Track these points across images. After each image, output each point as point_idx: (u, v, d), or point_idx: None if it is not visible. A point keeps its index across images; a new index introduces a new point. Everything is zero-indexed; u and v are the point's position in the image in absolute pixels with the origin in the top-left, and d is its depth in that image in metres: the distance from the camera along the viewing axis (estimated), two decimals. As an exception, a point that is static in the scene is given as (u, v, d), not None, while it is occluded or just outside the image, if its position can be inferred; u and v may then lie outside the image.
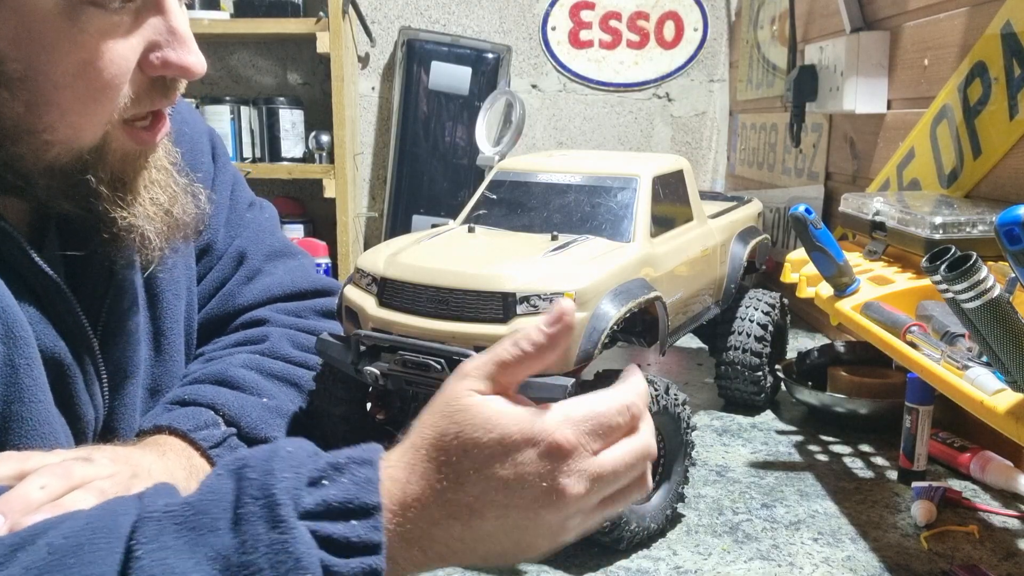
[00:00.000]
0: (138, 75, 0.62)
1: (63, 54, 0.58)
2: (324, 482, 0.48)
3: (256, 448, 0.51)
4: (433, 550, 0.51)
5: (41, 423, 0.65)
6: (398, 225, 2.35)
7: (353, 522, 0.47)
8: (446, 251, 0.90)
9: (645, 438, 0.56)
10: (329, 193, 2.31)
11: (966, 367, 0.70)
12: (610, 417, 0.54)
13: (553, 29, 2.53)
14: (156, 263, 0.72)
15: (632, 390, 0.57)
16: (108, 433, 0.75)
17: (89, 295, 0.72)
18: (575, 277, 0.82)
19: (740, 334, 1.17)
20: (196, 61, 0.63)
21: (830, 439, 1.11)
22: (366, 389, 0.92)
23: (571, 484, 0.52)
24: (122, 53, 0.60)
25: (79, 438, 0.70)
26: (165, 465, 0.70)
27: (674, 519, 0.88)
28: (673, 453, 0.86)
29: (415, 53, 2.36)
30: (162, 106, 0.66)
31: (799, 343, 1.50)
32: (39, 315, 0.67)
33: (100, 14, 0.58)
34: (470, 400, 0.52)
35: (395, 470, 0.51)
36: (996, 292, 0.58)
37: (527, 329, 0.54)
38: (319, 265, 2.38)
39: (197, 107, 2.37)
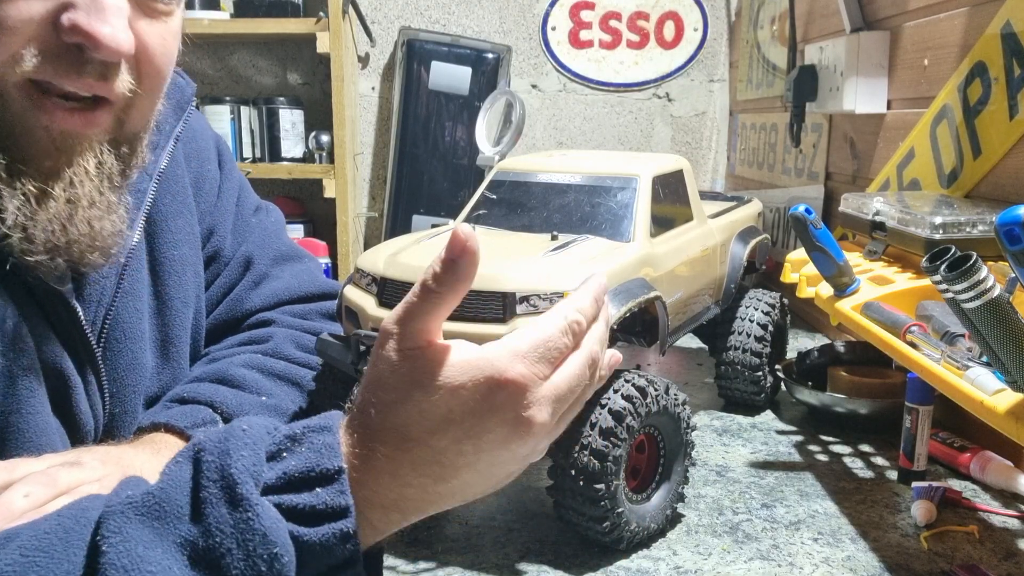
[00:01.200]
0: (50, 34, 0.56)
1: None
2: (283, 455, 0.48)
3: (212, 430, 0.50)
4: (410, 508, 0.51)
5: (38, 434, 0.64)
6: (398, 225, 2.35)
7: (317, 489, 0.47)
8: (446, 251, 0.90)
9: (592, 348, 0.56)
10: (329, 193, 2.31)
11: (966, 367, 0.70)
12: (556, 340, 0.53)
13: (553, 29, 2.53)
14: (55, 277, 0.64)
15: (574, 306, 0.56)
16: (107, 442, 0.75)
17: (95, 302, 0.72)
18: (575, 277, 0.82)
19: (740, 334, 1.16)
20: (108, 33, 0.55)
21: (830, 439, 1.11)
22: (366, 389, 0.92)
23: (535, 413, 0.51)
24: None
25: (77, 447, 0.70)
26: (158, 463, 0.70)
27: (674, 519, 0.88)
28: (673, 453, 0.86)
29: (415, 53, 2.36)
30: (71, 83, 0.57)
31: (799, 343, 1.50)
32: (42, 324, 0.66)
33: None
34: (407, 364, 0.50)
35: (356, 446, 0.50)
36: (996, 292, 0.58)
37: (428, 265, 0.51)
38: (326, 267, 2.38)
39: (197, 107, 2.37)
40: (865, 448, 1.08)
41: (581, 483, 0.78)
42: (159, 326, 0.81)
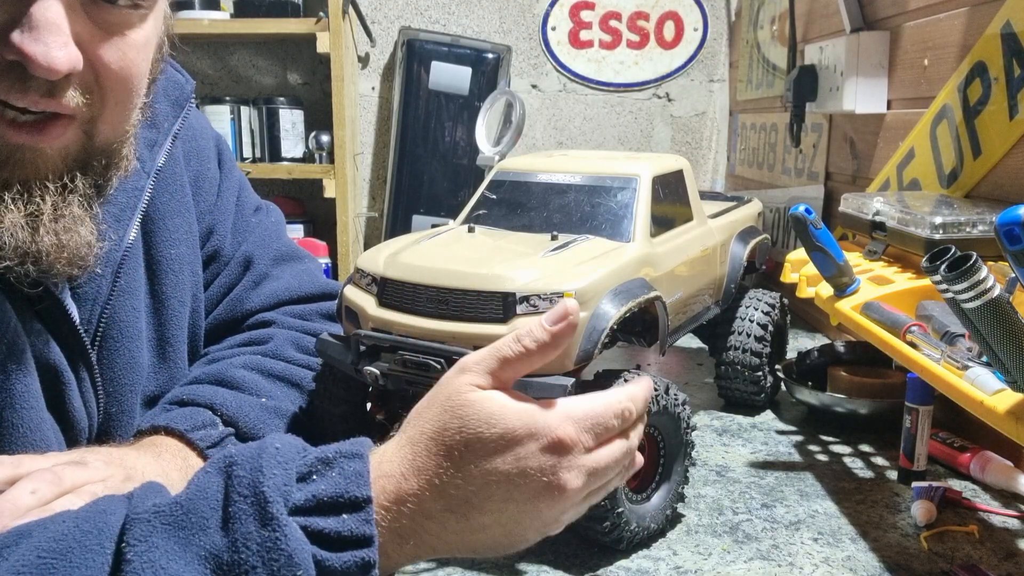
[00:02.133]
0: None
1: None
2: (313, 477, 0.48)
3: (244, 445, 0.51)
4: (426, 543, 0.51)
5: (32, 430, 0.64)
6: (398, 225, 2.35)
7: (344, 516, 0.47)
8: (446, 251, 0.90)
9: (634, 441, 0.60)
10: (329, 193, 2.31)
11: (966, 367, 0.70)
12: (607, 418, 0.56)
13: (553, 29, 2.53)
14: (31, 286, 0.63)
15: (629, 395, 0.59)
16: (104, 439, 0.75)
17: (91, 300, 0.72)
18: (575, 277, 0.82)
19: (740, 334, 1.16)
20: (40, 52, 0.54)
21: (830, 439, 1.11)
22: (366, 389, 0.92)
23: (570, 479, 0.53)
24: None
25: (72, 445, 0.70)
26: (160, 466, 0.70)
27: (674, 519, 0.88)
28: (673, 453, 0.86)
29: (415, 53, 2.36)
30: (17, 99, 0.56)
31: (799, 343, 1.50)
32: (35, 321, 0.66)
33: None
34: (472, 395, 0.52)
35: (390, 465, 0.51)
36: (996, 292, 0.58)
37: (530, 325, 0.55)
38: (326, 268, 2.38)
39: (197, 107, 2.37)
40: (865, 448, 1.08)
41: (581, 483, 0.78)
42: (156, 325, 0.81)
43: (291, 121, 2.39)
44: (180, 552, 0.44)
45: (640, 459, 0.64)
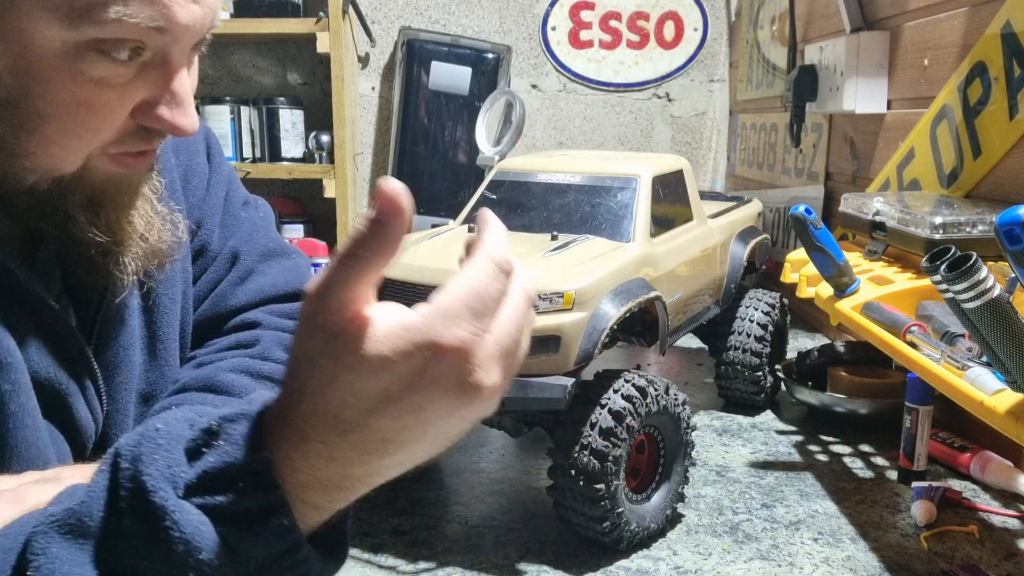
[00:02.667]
0: (127, 121, 0.62)
1: (57, 90, 0.58)
2: (203, 450, 0.45)
3: (130, 433, 0.49)
4: (357, 486, 0.47)
5: (28, 447, 0.64)
6: (398, 225, 2.35)
7: (241, 485, 0.44)
8: (446, 251, 0.90)
9: (522, 285, 0.50)
10: (329, 193, 2.31)
11: (966, 367, 0.70)
12: (488, 288, 0.48)
13: (553, 29, 2.53)
14: (127, 289, 0.70)
15: (491, 244, 0.50)
16: (103, 442, 0.74)
17: (85, 306, 0.72)
18: (575, 277, 0.82)
19: (740, 334, 1.16)
20: (188, 124, 0.63)
21: (830, 439, 1.11)
22: (366, 389, 0.92)
23: (483, 377, 0.46)
24: (116, 101, 0.60)
25: (78, 453, 0.70)
26: None
27: (674, 519, 0.88)
28: (673, 453, 0.86)
29: (415, 53, 2.36)
30: (145, 148, 0.65)
31: (799, 343, 1.50)
32: (34, 335, 0.66)
33: (103, 62, 0.57)
34: (332, 342, 0.45)
35: (286, 430, 0.46)
36: (996, 292, 0.58)
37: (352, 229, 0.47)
38: (319, 265, 2.38)
39: (197, 108, 2.36)
40: (865, 448, 1.08)
41: (581, 483, 0.78)
42: (147, 323, 0.81)
43: (291, 121, 2.39)
44: (79, 558, 0.43)
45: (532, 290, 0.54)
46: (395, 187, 0.45)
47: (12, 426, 0.63)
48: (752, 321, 1.16)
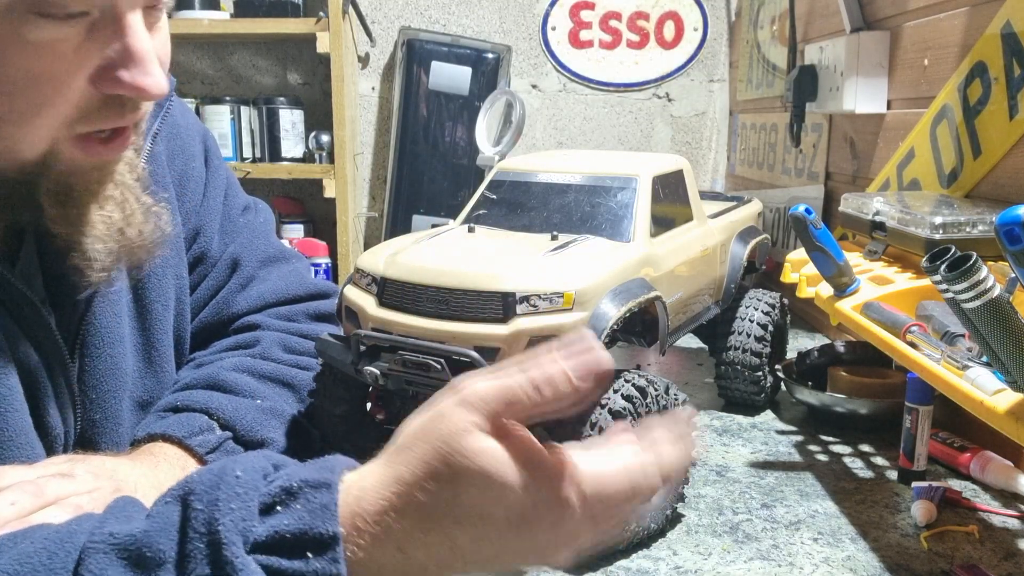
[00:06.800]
0: (89, 91, 0.58)
1: (2, 62, 0.55)
2: (277, 508, 0.45)
3: (205, 470, 0.47)
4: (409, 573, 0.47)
5: (18, 433, 0.64)
6: (398, 225, 2.35)
7: (309, 555, 0.44)
8: (446, 251, 0.90)
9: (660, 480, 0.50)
10: (329, 193, 2.31)
11: (966, 367, 0.70)
12: (640, 488, 0.49)
13: (553, 29, 2.53)
14: (101, 284, 0.68)
15: (665, 452, 0.50)
16: (87, 447, 0.73)
17: (70, 308, 0.71)
18: (575, 277, 0.82)
19: (740, 334, 1.16)
20: (152, 83, 0.58)
21: (830, 439, 1.11)
22: (366, 389, 0.92)
23: (565, 548, 0.48)
24: (66, 68, 0.57)
25: (48, 452, 0.69)
26: (156, 477, 0.69)
27: (674, 519, 0.88)
28: (673, 453, 0.86)
29: (415, 53, 2.36)
30: (120, 124, 0.61)
31: (799, 343, 1.50)
32: (13, 327, 0.66)
33: (46, 24, 0.54)
34: (470, 443, 0.45)
35: (369, 502, 0.46)
36: (996, 292, 0.58)
37: (552, 368, 0.46)
38: (319, 265, 2.38)
39: (197, 108, 2.37)
40: (865, 448, 1.08)
41: (581, 483, 0.78)
42: (140, 330, 0.80)
43: (291, 121, 2.39)
44: None
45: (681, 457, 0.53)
46: (605, 359, 0.46)
47: (2, 410, 0.63)
48: (752, 321, 1.16)
